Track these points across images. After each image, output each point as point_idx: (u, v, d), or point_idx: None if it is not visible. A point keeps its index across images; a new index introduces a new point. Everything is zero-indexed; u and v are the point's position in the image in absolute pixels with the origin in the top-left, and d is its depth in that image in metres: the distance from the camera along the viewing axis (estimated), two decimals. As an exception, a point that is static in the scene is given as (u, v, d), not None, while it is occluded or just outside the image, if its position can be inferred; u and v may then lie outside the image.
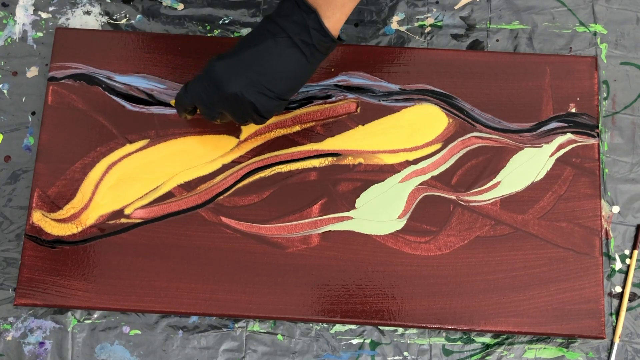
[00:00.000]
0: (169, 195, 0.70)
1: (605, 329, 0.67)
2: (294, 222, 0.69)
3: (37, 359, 0.68)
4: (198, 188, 0.70)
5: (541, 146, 0.72)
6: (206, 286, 0.68)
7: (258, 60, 0.61)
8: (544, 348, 0.69)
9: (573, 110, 0.73)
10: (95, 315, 0.69)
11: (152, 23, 0.76)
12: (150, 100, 0.72)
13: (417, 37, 0.76)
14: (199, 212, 0.70)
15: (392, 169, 0.71)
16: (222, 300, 0.67)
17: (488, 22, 0.77)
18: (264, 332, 0.69)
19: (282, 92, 0.62)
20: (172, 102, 0.69)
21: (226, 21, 0.77)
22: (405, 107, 0.73)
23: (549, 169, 0.71)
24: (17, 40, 0.76)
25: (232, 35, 0.76)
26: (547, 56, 0.74)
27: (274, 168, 0.71)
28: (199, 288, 0.68)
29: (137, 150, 0.71)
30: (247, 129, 0.72)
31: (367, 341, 0.69)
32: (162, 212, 0.70)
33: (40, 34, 0.76)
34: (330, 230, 0.69)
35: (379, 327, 0.69)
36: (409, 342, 0.69)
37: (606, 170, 0.73)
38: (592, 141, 0.72)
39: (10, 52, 0.75)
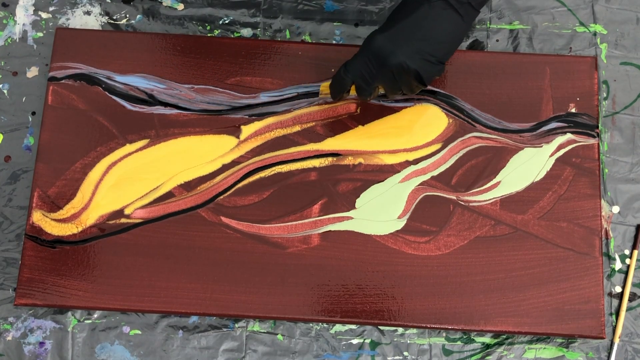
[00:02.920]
0: (169, 195, 0.70)
1: (605, 329, 0.67)
2: (294, 222, 0.69)
3: (37, 359, 0.68)
4: (198, 188, 0.70)
5: (541, 146, 0.72)
6: (206, 286, 0.68)
7: (417, 27, 0.61)
8: (544, 348, 0.69)
9: (573, 110, 0.73)
10: (95, 315, 0.69)
11: (152, 23, 0.76)
12: (150, 100, 0.72)
13: (417, 37, 0.76)
14: (199, 212, 0.70)
15: (392, 169, 0.71)
16: (222, 300, 0.67)
17: (488, 22, 0.77)
18: (264, 332, 0.69)
19: (443, 55, 0.62)
20: (323, 85, 0.70)
21: (226, 21, 0.77)
22: (405, 107, 0.73)
23: (548, 169, 0.71)
24: (17, 40, 0.76)
25: (232, 35, 0.76)
26: (547, 56, 0.74)
27: (274, 168, 0.71)
28: (199, 288, 0.68)
29: (137, 150, 0.71)
30: (247, 129, 0.72)
31: (367, 341, 0.69)
32: (162, 212, 0.70)
33: (40, 34, 0.76)
34: (330, 230, 0.69)
35: (379, 327, 0.69)
36: (409, 342, 0.69)
37: (606, 170, 0.73)
38: (592, 141, 0.72)
39: (10, 52, 0.75)
